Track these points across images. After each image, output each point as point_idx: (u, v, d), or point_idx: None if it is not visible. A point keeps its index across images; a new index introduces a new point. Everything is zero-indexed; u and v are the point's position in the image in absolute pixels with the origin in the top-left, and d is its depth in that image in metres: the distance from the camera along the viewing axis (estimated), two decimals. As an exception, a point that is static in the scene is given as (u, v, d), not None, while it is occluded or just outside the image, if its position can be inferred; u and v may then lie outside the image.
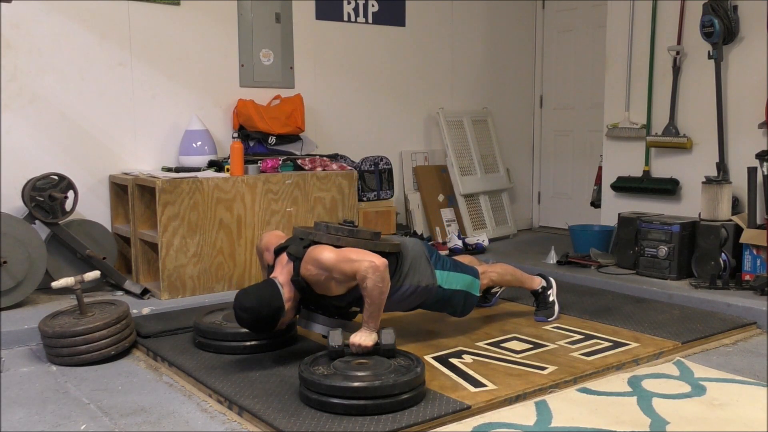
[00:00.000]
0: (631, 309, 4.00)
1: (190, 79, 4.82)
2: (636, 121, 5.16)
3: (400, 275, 3.20)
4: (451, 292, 3.37)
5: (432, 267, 3.31)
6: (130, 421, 2.65)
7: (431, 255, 3.36)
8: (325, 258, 2.95)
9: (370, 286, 2.91)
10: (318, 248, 3.00)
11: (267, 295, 2.99)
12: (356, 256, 2.95)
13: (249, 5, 5.01)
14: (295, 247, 3.06)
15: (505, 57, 6.47)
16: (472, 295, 3.47)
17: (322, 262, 2.95)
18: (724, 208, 4.38)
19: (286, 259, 3.08)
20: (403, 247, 3.26)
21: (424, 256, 3.31)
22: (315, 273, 2.97)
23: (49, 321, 3.34)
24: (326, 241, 3.07)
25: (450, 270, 3.39)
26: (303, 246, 3.05)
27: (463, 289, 3.42)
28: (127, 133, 4.62)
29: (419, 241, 3.42)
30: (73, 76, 4.40)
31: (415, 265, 3.25)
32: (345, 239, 3.08)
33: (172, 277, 4.16)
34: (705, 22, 4.54)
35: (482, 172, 6.10)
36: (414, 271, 3.24)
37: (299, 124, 4.94)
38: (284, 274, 3.06)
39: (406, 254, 3.25)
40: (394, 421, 2.51)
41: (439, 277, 3.32)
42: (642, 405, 2.71)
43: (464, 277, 3.44)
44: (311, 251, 2.99)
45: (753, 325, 3.74)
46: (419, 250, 3.32)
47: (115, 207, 4.56)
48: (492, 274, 3.69)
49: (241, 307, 2.95)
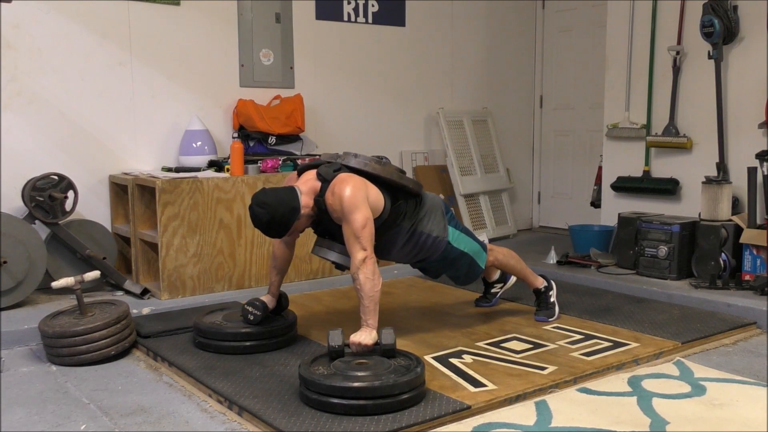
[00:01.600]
0: (631, 309, 4.00)
1: (190, 79, 4.82)
2: (636, 121, 5.16)
3: (416, 219, 3.28)
4: (459, 252, 3.43)
5: (446, 221, 3.39)
6: (130, 421, 2.65)
7: (447, 212, 3.45)
8: (344, 192, 2.96)
9: (362, 279, 2.93)
10: (345, 178, 3.03)
11: (285, 196, 3.03)
12: (361, 232, 2.94)
13: (249, 5, 5.01)
14: (325, 168, 3.11)
15: (505, 57, 6.47)
16: (476, 264, 3.52)
17: (341, 194, 2.96)
18: (724, 208, 4.38)
19: (314, 176, 3.13)
20: (424, 195, 3.37)
21: (440, 210, 3.40)
22: (331, 202, 3.02)
23: (49, 321, 3.34)
24: (354, 164, 3.12)
25: (462, 232, 3.48)
26: (333, 169, 3.09)
27: (470, 253, 3.48)
28: (127, 133, 4.62)
29: (439, 197, 3.51)
30: (73, 76, 4.40)
31: (430, 213, 3.34)
32: (372, 165, 3.13)
33: (172, 277, 4.16)
34: (705, 22, 4.54)
35: (482, 172, 6.10)
36: (429, 219, 3.32)
37: (299, 124, 4.94)
38: (307, 185, 3.10)
39: (425, 201, 3.35)
40: (394, 421, 2.51)
41: (450, 233, 3.39)
42: (642, 405, 2.71)
43: (473, 243, 3.51)
44: (339, 177, 3.04)
45: (753, 325, 3.74)
46: (438, 202, 3.43)
47: (115, 207, 4.56)
48: (498, 254, 3.72)
49: (258, 203, 2.99)
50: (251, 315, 3.29)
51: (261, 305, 3.29)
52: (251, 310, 3.30)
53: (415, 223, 3.28)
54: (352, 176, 3.07)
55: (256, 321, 3.28)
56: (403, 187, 3.22)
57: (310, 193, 3.09)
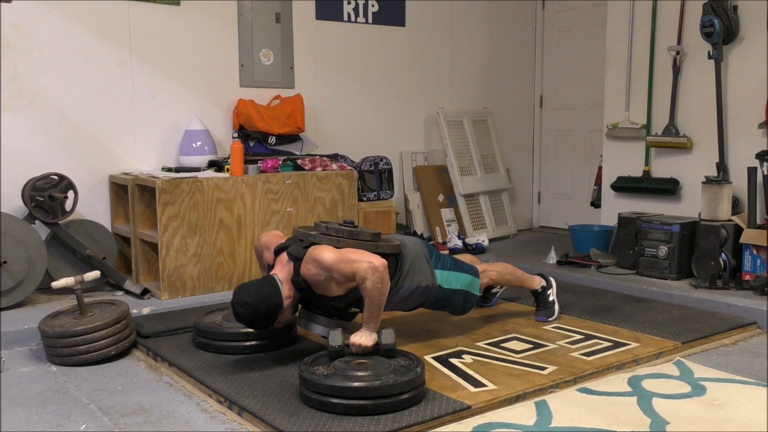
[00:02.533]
0: (631, 309, 4.00)
1: (190, 79, 4.82)
2: (636, 121, 5.16)
3: (400, 276, 3.21)
4: (451, 291, 3.38)
5: (432, 267, 3.32)
6: (130, 421, 2.65)
7: (431, 254, 3.37)
8: (324, 258, 2.95)
9: (369, 286, 2.91)
10: (318, 248, 3.00)
11: (266, 292, 2.98)
12: (355, 256, 2.95)
13: (249, 5, 5.01)
14: (295, 247, 3.07)
15: (505, 57, 6.47)
16: (472, 294, 3.48)
17: (322, 262, 2.95)
18: (724, 208, 4.37)
19: (286, 258, 3.08)
20: (403, 248, 3.27)
21: (423, 256, 3.31)
22: (315, 273, 2.97)
23: (49, 321, 3.34)
24: (326, 242, 3.07)
25: (450, 269, 3.40)
26: (303, 246, 3.05)
27: (463, 288, 3.43)
28: (127, 133, 4.62)
29: (419, 241, 3.42)
30: (73, 76, 4.40)
31: (414, 265, 3.26)
32: (345, 241, 3.08)
33: (172, 277, 4.16)
34: (705, 22, 4.54)
35: (482, 172, 6.10)
36: (414, 272, 3.25)
37: (299, 124, 4.94)
38: (284, 273, 3.06)
39: (405, 254, 3.25)
40: (394, 421, 2.51)
41: (439, 276, 3.33)
42: (642, 405, 2.71)
43: (464, 277, 3.44)
44: (311, 251, 3.00)
45: (753, 325, 3.74)
46: (419, 249, 3.32)
47: (115, 207, 4.56)
48: (492, 273, 3.70)
49: (240, 303, 2.95)
50: (251, 315, 3.28)
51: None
52: (251, 310, 3.29)
53: (400, 281, 3.20)
54: (323, 246, 3.02)
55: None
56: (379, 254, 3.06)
57: (288, 281, 3.03)
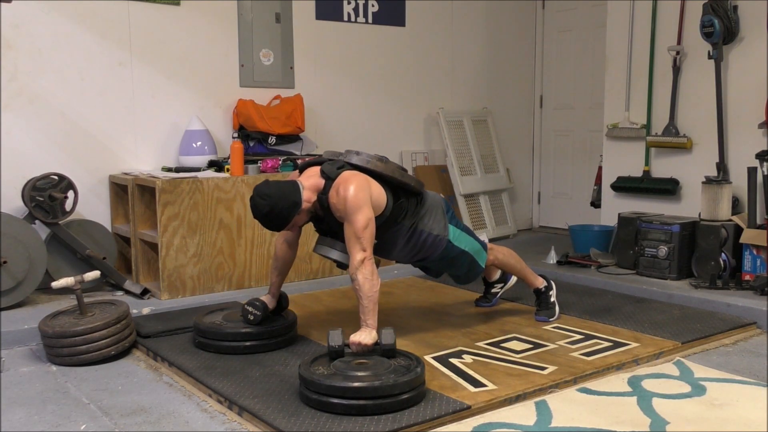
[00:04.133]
0: (631, 309, 4.00)
1: (190, 79, 4.82)
2: (636, 121, 5.16)
3: (416, 217, 3.29)
4: (459, 250, 3.44)
5: (447, 220, 3.41)
6: (130, 421, 2.65)
7: (448, 210, 3.47)
8: (348, 192, 2.97)
9: (360, 279, 2.94)
10: (349, 177, 3.04)
11: (287, 189, 3.04)
12: (362, 233, 2.96)
13: (249, 5, 5.01)
14: (329, 166, 3.11)
15: (505, 57, 6.47)
16: (477, 263, 3.53)
17: (345, 193, 2.97)
18: (724, 208, 4.38)
19: (317, 172, 3.13)
20: (425, 194, 3.38)
21: (441, 208, 3.41)
22: (335, 201, 3.03)
23: (49, 321, 3.34)
24: (356, 161, 3.13)
25: (463, 230, 3.49)
26: (337, 167, 3.10)
27: (471, 252, 3.49)
28: (127, 133, 4.62)
29: (440, 196, 3.52)
30: (73, 76, 4.40)
31: (431, 211, 3.35)
32: (374, 163, 3.15)
33: (172, 277, 4.16)
34: (705, 22, 4.54)
35: (482, 172, 6.10)
36: (430, 217, 3.34)
37: (299, 124, 4.94)
38: (310, 181, 3.11)
39: (425, 199, 3.35)
40: (394, 421, 2.51)
41: (451, 232, 3.40)
42: (642, 405, 2.71)
43: (474, 242, 3.52)
44: (343, 176, 3.05)
45: (753, 325, 3.74)
46: (439, 201, 3.44)
47: (115, 207, 4.56)
48: (498, 253, 3.73)
49: (260, 194, 3.00)
50: (251, 315, 3.29)
51: (261, 305, 3.30)
52: (251, 310, 3.30)
53: (416, 222, 3.29)
54: (356, 175, 3.08)
55: (256, 321, 3.28)
56: (405, 185, 3.23)
57: (312, 189, 3.10)
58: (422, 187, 3.35)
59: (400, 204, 3.23)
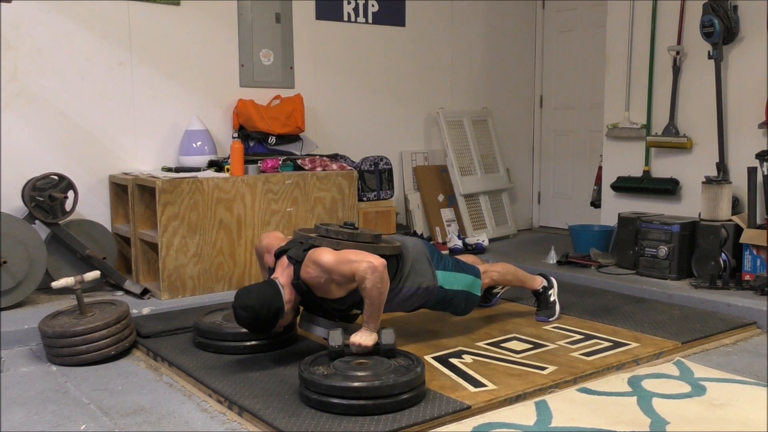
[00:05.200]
0: (631, 309, 4.00)
1: (190, 79, 4.82)
2: (636, 121, 5.16)
3: (401, 277, 3.20)
4: (453, 292, 3.38)
5: (433, 268, 3.31)
6: (130, 421, 2.65)
7: (432, 255, 3.36)
8: (324, 260, 2.95)
9: (369, 286, 2.91)
10: (317, 251, 3.00)
11: (268, 296, 2.98)
12: (355, 257, 2.95)
13: (249, 5, 5.01)
14: (295, 250, 3.06)
15: (505, 57, 6.47)
16: (473, 294, 3.48)
17: (322, 264, 2.94)
18: (724, 208, 4.37)
19: (286, 261, 3.08)
20: (404, 248, 3.26)
21: (425, 257, 3.31)
22: (315, 275, 2.97)
23: (49, 321, 3.34)
24: (326, 244, 3.06)
25: (451, 270, 3.40)
26: (303, 249, 3.05)
27: (465, 289, 3.43)
28: (127, 133, 4.62)
29: (420, 241, 3.42)
30: (73, 76, 4.40)
31: (416, 266, 3.25)
32: (345, 243, 3.08)
33: (172, 277, 4.16)
34: (705, 22, 4.54)
35: (482, 172, 6.10)
36: (415, 273, 3.25)
37: (299, 124, 4.94)
38: (285, 276, 3.06)
39: (407, 255, 3.25)
40: (394, 421, 2.51)
41: (440, 277, 3.32)
42: (642, 405, 2.71)
43: (465, 277, 3.44)
44: (311, 254, 2.99)
45: (753, 325, 3.74)
46: (420, 250, 3.32)
47: (115, 207, 4.56)
48: (493, 274, 3.70)
49: (242, 306, 2.95)
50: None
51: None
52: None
53: (401, 282, 3.20)
54: (323, 248, 3.01)
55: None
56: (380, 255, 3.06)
57: (289, 285, 3.03)
58: (398, 249, 3.21)
59: None
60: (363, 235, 3.16)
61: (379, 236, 3.22)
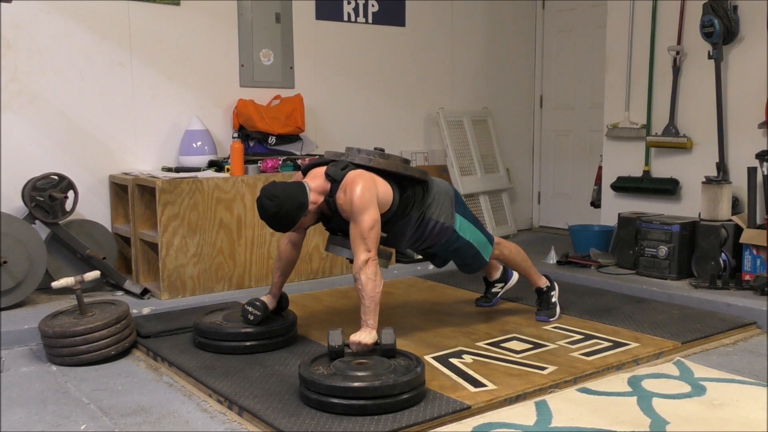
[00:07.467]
0: (631, 309, 4.00)
1: (190, 79, 4.82)
2: (636, 121, 5.16)
3: (423, 206, 3.30)
4: (464, 242, 3.46)
5: (454, 209, 3.41)
6: (130, 421, 2.65)
7: (457, 200, 3.47)
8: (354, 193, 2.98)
9: (363, 279, 2.94)
10: (355, 179, 3.04)
11: (295, 190, 3.05)
12: (368, 233, 2.97)
13: (249, 5, 5.01)
14: (333, 168, 3.12)
15: (505, 57, 6.47)
16: (481, 255, 3.56)
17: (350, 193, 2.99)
18: (724, 208, 4.38)
19: (322, 174, 3.14)
20: (431, 182, 3.38)
21: (449, 196, 3.42)
22: (342, 202, 3.05)
23: (49, 321, 3.34)
24: (359, 161, 3.15)
25: (470, 221, 3.50)
26: (341, 168, 3.11)
27: (475, 244, 3.50)
28: (127, 133, 4.62)
29: (449, 185, 3.51)
30: (73, 76, 4.40)
31: (438, 200, 3.36)
32: (377, 160, 3.16)
33: (172, 277, 4.16)
34: (705, 22, 4.54)
35: (482, 172, 6.10)
36: (436, 206, 3.35)
37: (299, 124, 4.94)
38: (316, 182, 3.12)
39: (432, 188, 3.36)
40: (394, 421, 2.51)
41: (457, 221, 3.41)
42: (642, 405, 2.71)
43: (480, 235, 3.54)
44: (349, 176, 3.06)
45: (753, 325, 3.74)
46: (446, 189, 3.44)
47: (115, 207, 4.56)
48: (504, 249, 3.74)
49: (267, 195, 3.01)
50: (251, 315, 3.29)
51: (261, 305, 3.30)
52: (251, 310, 3.30)
53: (423, 210, 3.32)
54: (362, 174, 3.09)
55: (256, 321, 3.29)
56: (409, 177, 3.25)
57: (318, 191, 3.12)
58: (426, 175, 3.35)
59: (407, 196, 3.25)
60: (394, 156, 3.27)
61: (408, 161, 3.34)
